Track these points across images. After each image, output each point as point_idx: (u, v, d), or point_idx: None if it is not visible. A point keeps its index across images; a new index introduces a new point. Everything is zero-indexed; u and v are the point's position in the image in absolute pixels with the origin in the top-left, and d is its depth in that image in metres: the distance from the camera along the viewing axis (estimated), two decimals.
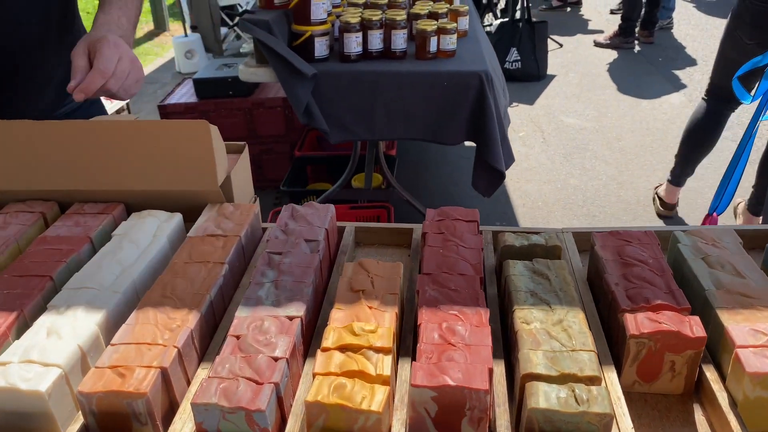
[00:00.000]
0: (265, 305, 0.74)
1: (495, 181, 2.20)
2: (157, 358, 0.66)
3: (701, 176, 3.32)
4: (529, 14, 4.76)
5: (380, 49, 2.25)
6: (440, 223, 0.89)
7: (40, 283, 0.79)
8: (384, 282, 0.77)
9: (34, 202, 0.98)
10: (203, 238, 0.88)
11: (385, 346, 0.66)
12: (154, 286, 0.78)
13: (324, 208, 0.95)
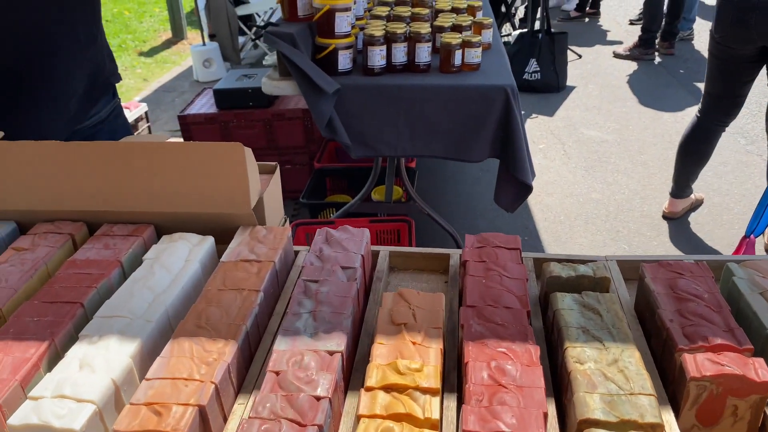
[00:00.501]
0: (304, 338, 0.71)
1: (520, 196, 2.16)
2: (194, 395, 0.63)
3: (726, 191, 3.26)
4: (549, 25, 4.73)
5: (404, 62, 2.22)
6: (481, 251, 0.86)
7: (71, 310, 0.77)
8: (426, 314, 0.74)
9: (63, 223, 0.96)
10: (236, 263, 0.86)
11: (432, 386, 0.63)
12: (188, 316, 0.75)
13: (359, 233, 0.92)
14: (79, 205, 0.96)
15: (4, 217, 0.99)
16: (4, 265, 0.87)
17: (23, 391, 0.67)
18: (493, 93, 2.08)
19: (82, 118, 1.24)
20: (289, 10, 2.21)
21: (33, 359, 0.69)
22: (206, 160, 0.90)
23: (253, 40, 6.20)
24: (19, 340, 0.72)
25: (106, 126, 1.28)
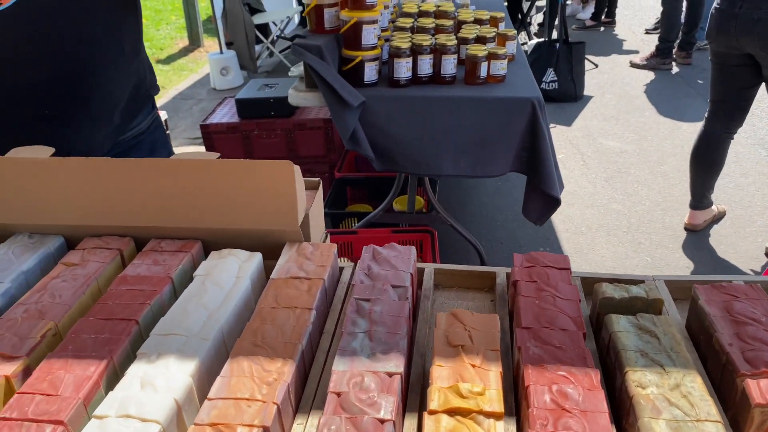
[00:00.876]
0: (361, 358, 0.71)
1: (548, 209, 2.16)
2: (258, 416, 0.64)
3: (748, 203, 3.24)
4: (567, 34, 4.73)
5: (429, 74, 2.23)
6: (531, 270, 0.86)
7: (126, 327, 0.78)
8: (482, 336, 0.74)
9: (110, 238, 0.97)
10: (287, 280, 0.86)
11: (496, 410, 0.63)
12: (244, 334, 0.76)
13: (406, 250, 0.92)
14: (127, 220, 0.97)
15: (50, 232, 1.00)
16: (56, 281, 0.88)
17: (86, 409, 0.68)
18: (520, 105, 2.08)
19: (124, 129, 1.25)
20: (316, 22, 2.23)
21: (94, 377, 0.70)
22: (255, 178, 0.91)
23: (268, 49, 6.24)
24: (79, 358, 0.72)
25: (146, 137, 1.29)
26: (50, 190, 0.96)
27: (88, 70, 1.11)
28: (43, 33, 1.03)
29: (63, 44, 1.07)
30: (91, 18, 1.09)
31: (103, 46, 1.12)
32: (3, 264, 0.92)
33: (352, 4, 2.13)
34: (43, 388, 0.68)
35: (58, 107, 1.10)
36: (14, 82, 1.06)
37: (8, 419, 0.65)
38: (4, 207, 0.97)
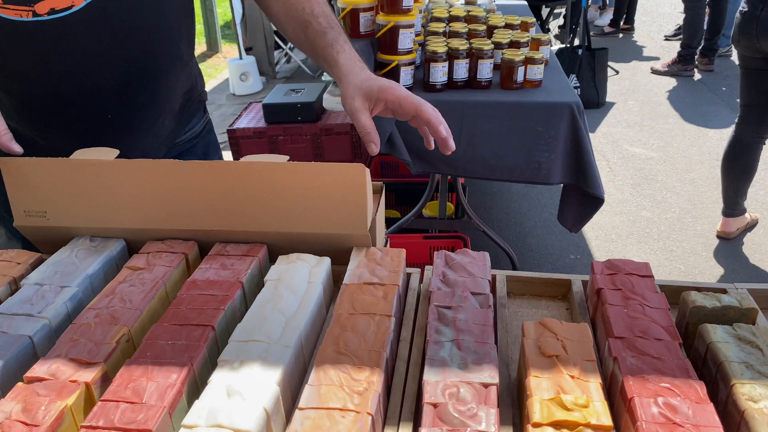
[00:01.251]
0: (453, 368, 0.69)
1: (585, 215, 2.13)
2: (353, 426, 0.61)
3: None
4: (590, 41, 4.70)
5: (465, 78, 2.21)
6: (613, 278, 0.83)
7: (203, 333, 0.76)
8: (576, 346, 0.71)
9: (174, 242, 0.95)
10: (360, 286, 0.84)
11: (604, 424, 0.61)
12: (325, 341, 0.74)
13: (480, 256, 0.90)
14: (190, 224, 0.95)
15: (112, 235, 0.98)
16: (124, 285, 0.86)
17: (170, 418, 0.66)
18: (559, 110, 2.05)
19: (178, 133, 1.23)
20: (351, 26, 2.21)
21: (177, 385, 0.68)
22: (326, 181, 0.89)
23: (286, 55, 6.24)
24: (159, 365, 0.70)
25: (200, 141, 1.28)
26: (113, 193, 0.94)
27: (150, 74, 1.10)
28: (111, 37, 1.02)
29: (129, 49, 1.06)
30: (156, 23, 1.07)
31: (164, 51, 1.11)
32: (68, 268, 0.90)
33: (388, 8, 2.12)
34: (127, 396, 0.66)
35: (119, 111, 1.09)
36: (80, 85, 1.04)
37: (95, 428, 0.63)
38: (65, 210, 0.96)
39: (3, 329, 0.78)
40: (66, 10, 0.96)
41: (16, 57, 1.01)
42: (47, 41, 0.99)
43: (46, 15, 0.96)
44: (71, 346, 0.74)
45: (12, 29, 0.97)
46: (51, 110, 1.07)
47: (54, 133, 1.11)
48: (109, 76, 1.05)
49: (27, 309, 0.81)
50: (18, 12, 0.95)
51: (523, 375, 0.71)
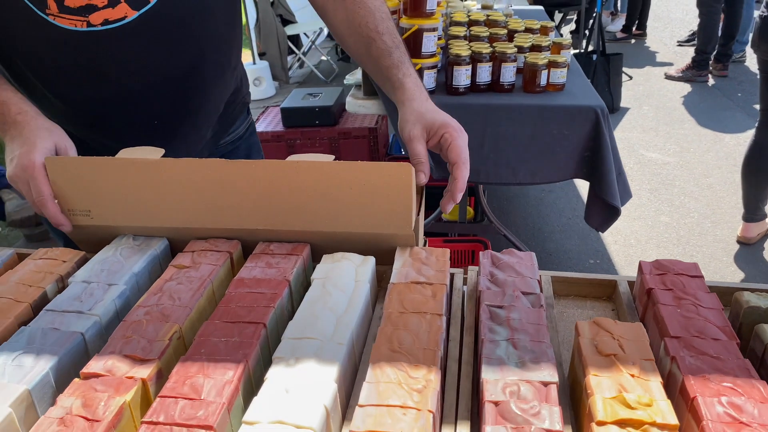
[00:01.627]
0: (510, 366, 0.68)
1: (610, 217, 2.12)
2: (416, 424, 0.61)
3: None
4: (604, 46, 4.69)
5: (488, 81, 2.21)
6: (663, 278, 0.83)
7: (256, 330, 0.76)
8: (633, 345, 0.71)
9: (218, 241, 0.96)
10: (408, 285, 0.84)
11: (671, 423, 0.60)
12: (379, 339, 0.73)
13: (527, 256, 0.90)
14: (235, 222, 0.95)
15: (154, 234, 0.99)
16: (171, 283, 0.86)
17: (229, 414, 0.66)
18: (584, 113, 2.05)
19: (222, 136, 1.24)
20: None
21: (234, 381, 0.68)
22: (372, 180, 0.89)
23: (299, 60, 6.27)
24: (215, 362, 0.70)
25: (243, 143, 1.29)
26: (158, 192, 0.95)
27: (199, 82, 1.11)
28: (162, 47, 1.04)
29: (179, 58, 1.07)
30: (206, 33, 1.08)
31: (214, 59, 1.12)
32: (114, 266, 0.90)
33: (412, 12, 2.12)
34: (185, 392, 0.66)
35: (167, 117, 1.10)
36: (130, 92, 1.06)
37: (156, 423, 0.63)
38: (110, 209, 0.96)
39: (55, 326, 0.78)
40: (119, 21, 0.99)
41: (69, 64, 1.03)
42: (100, 50, 1.01)
43: (99, 25, 0.98)
44: (124, 342, 0.74)
45: (67, 38, 0.99)
46: (101, 115, 1.09)
47: (103, 137, 1.12)
48: (158, 84, 1.07)
49: (77, 306, 0.82)
50: (73, 22, 0.97)
51: (580, 374, 0.71)
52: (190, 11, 1.04)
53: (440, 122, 0.96)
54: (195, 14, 1.05)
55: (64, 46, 1.00)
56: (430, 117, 0.98)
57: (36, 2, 0.96)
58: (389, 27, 1.08)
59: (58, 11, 0.96)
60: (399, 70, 1.03)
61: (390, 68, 1.04)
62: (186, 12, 1.04)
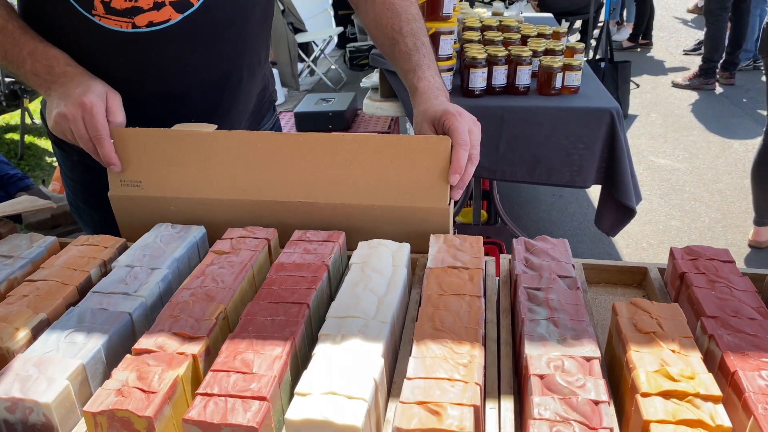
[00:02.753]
0: (552, 343, 0.70)
1: (622, 220, 2.14)
2: (464, 395, 0.63)
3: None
4: (612, 54, 4.72)
5: (503, 84, 2.24)
6: (696, 263, 0.85)
7: (300, 310, 0.78)
8: (671, 324, 0.72)
9: (255, 228, 0.98)
10: (445, 269, 0.86)
11: (714, 393, 0.62)
12: (421, 318, 0.75)
13: (560, 243, 0.92)
14: (278, 195, 0.99)
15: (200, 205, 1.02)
16: (213, 267, 0.88)
17: (279, 387, 0.68)
18: (599, 115, 2.07)
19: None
20: None
21: (283, 357, 0.70)
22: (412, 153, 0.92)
23: (309, 67, 6.31)
24: (263, 339, 0.72)
25: None
26: (207, 164, 1.00)
27: (233, 81, 1.14)
28: (202, 49, 1.07)
29: (218, 59, 1.10)
30: (242, 35, 1.11)
31: (248, 59, 1.16)
32: (155, 251, 0.93)
33: (429, 15, 2.15)
34: (237, 367, 0.68)
35: (202, 115, 1.13)
36: (170, 91, 1.09)
37: (211, 395, 0.65)
38: (160, 180, 1.01)
39: (103, 306, 0.80)
40: (163, 23, 1.02)
41: (113, 63, 1.06)
42: (143, 51, 1.04)
43: (144, 27, 1.02)
44: (173, 321, 0.76)
45: (112, 39, 1.02)
46: (141, 113, 1.11)
47: None
48: (196, 84, 1.10)
49: (122, 288, 0.84)
50: (118, 23, 1.01)
51: (619, 352, 0.72)
52: (231, 14, 1.07)
53: (441, 111, 0.98)
54: (236, 18, 1.08)
55: (108, 46, 1.04)
56: (432, 111, 1.00)
57: (82, 3, 0.98)
58: (414, 28, 1.11)
59: (104, 12, 0.99)
60: (415, 74, 1.06)
61: (408, 72, 1.07)
62: (227, 15, 1.07)
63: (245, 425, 0.61)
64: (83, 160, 1.24)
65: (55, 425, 0.66)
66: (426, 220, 0.96)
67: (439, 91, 1.05)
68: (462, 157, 0.94)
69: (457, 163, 0.94)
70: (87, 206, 1.26)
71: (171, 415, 0.66)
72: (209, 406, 0.63)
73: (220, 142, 0.97)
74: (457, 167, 0.95)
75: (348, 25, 7.02)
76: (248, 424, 0.61)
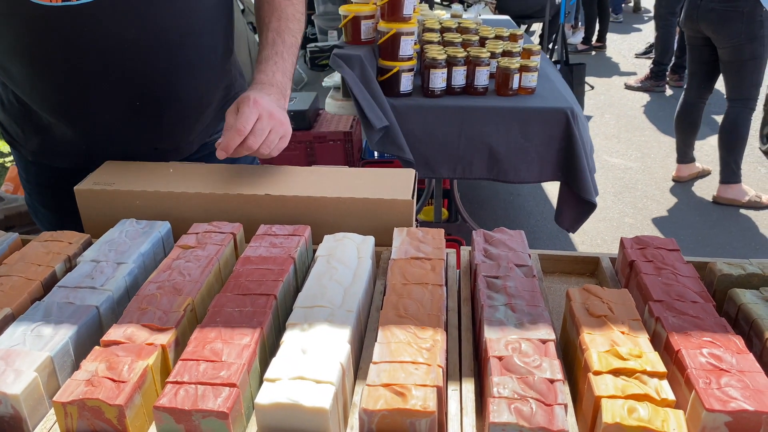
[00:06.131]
0: (510, 327, 0.74)
1: (581, 216, 2.21)
2: (428, 377, 0.66)
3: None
4: (568, 56, 4.84)
5: (462, 85, 2.28)
6: (644, 252, 0.89)
7: (267, 301, 0.79)
8: (621, 308, 0.77)
9: (220, 223, 0.99)
10: (408, 260, 0.89)
11: (659, 370, 0.66)
12: (385, 306, 0.78)
13: (517, 234, 0.96)
14: (239, 188, 1.03)
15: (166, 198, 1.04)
16: (180, 261, 0.89)
17: (248, 375, 0.69)
18: (556, 115, 2.14)
19: (213, 130, 1.27)
20: (353, 34, 2.27)
21: (251, 345, 0.71)
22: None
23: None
24: (231, 328, 0.74)
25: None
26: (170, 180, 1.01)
27: (182, 66, 1.12)
28: (141, 24, 1.03)
29: (160, 37, 1.07)
30: (194, 13, 1.09)
31: (198, 42, 1.13)
32: (121, 246, 0.93)
33: (390, 16, 2.18)
34: (206, 355, 0.70)
35: (148, 100, 1.11)
36: (110, 72, 1.06)
37: (181, 383, 0.66)
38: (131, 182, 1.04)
39: (69, 300, 0.80)
40: None
41: (48, 43, 1.02)
42: (77, 26, 0.99)
43: (76, 0, 0.97)
44: (141, 314, 0.77)
45: (42, 14, 0.97)
46: (83, 97, 1.08)
47: (85, 120, 1.13)
48: (138, 65, 1.06)
49: (89, 282, 0.84)
50: None
51: (573, 335, 0.76)
52: None
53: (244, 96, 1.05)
54: None
55: (39, 23, 0.99)
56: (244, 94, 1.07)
57: None
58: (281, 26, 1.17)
59: None
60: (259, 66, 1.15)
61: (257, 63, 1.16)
62: None
63: (216, 410, 0.63)
64: (38, 160, 1.22)
65: (23, 417, 0.67)
66: (390, 213, 0.99)
67: (271, 87, 1.10)
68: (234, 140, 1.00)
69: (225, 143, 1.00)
70: (44, 208, 1.25)
71: (141, 403, 0.67)
72: (180, 394, 0.65)
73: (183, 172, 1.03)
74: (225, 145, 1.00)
75: (308, 25, 7.01)
76: (219, 409, 0.63)
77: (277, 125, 1.05)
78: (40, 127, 1.18)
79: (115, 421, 0.64)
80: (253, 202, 1.01)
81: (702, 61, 3.51)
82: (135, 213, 1.03)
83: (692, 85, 3.63)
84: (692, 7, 3.35)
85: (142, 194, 1.03)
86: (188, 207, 1.04)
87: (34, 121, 1.17)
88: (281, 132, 1.06)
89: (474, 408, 0.69)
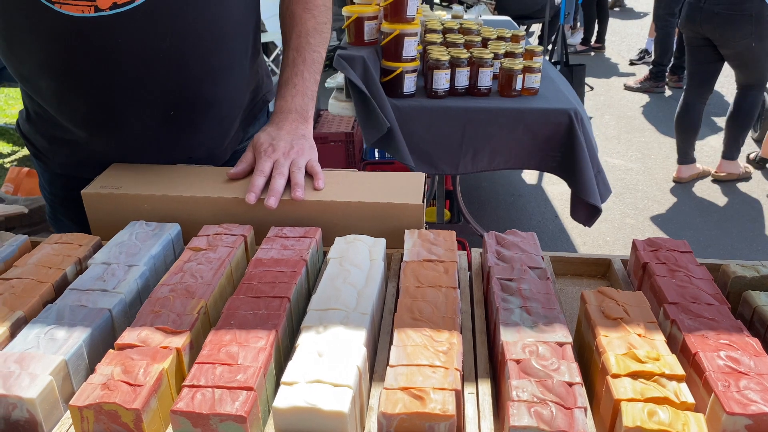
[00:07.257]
0: (526, 329, 0.73)
1: (593, 213, 2.21)
2: (445, 380, 0.66)
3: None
4: (567, 57, 4.85)
5: (465, 86, 2.28)
6: (657, 254, 0.89)
7: (281, 304, 0.79)
8: (636, 310, 0.77)
9: (230, 225, 0.98)
10: (421, 263, 0.88)
11: (678, 373, 0.66)
12: (400, 309, 0.78)
13: (529, 236, 0.95)
14: None
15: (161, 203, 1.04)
16: (191, 264, 0.89)
17: (264, 378, 0.69)
18: (558, 116, 2.14)
19: (243, 136, 1.25)
20: (356, 35, 2.27)
21: (267, 348, 0.71)
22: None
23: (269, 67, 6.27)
24: (246, 331, 0.74)
25: None
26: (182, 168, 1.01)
27: (216, 72, 1.09)
28: (175, 33, 1.01)
29: (194, 45, 1.04)
30: (225, 17, 1.07)
31: (231, 48, 1.11)
32: (132, 249, 0.93)
33: (393, 17, 2.18)
34: (222, 359, 0.69)
35: (183, 108, 1.08)
36: (144, 82, 1.04)
37: (198, 386, 0.66)
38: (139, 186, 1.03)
39: (82, 303, 0.80)
40: (129, 4, 0.96)
41: (79, 55, 1.00)
42: (109, 37, 0.98)
43: (108, 9, 0.95)
44: (154, 317, 0.77)
45: (74, 26, 0.96)
46: (116, 109, 1.06)
47: (117, 132, 1.11)
48: (173, 73, 1.04)
49: (101, 285, 0.84)
50: (80, 8, 0.95)
51: (588, 337, 0.76)
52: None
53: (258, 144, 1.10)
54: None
55: (72, 36, 0.97)
56: (257, 137, 1.11)
57: None
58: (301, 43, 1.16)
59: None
60: (279, 91, 1.16)
61: (278, 86, 1.16)
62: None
63: (234, 414, 0.62)
64: (66, 172, 1.20)
65: (39, 421, 0.66)
66: (400, 217, 0.99)
67: (289, 114, 1.11)
68: (257, 181, 1.03)
69: (252, 185, 1.02)
70: (69, 221, 1.22)
71: (157, 407, 0.67)
72: (197, 397, 0.64)
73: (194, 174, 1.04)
74: (252, 187, 1.02)
75: None
76: (237, 413, 0.62)
77: (299, 153, 1.06)
78: (68, 140, 1.15)
79: (132, 425, 0.64)
80: (262, 206, 1.01)
81: (702, 61, 3.54)
82: (143, 217, 1.02)
83: (692, 85, 3.66)
84: (694, 10, 3.36)
85: (150, 198, 1.03)
86: (197, 210, 1.03)
87: (62, 134, 1.14)
88: (307, 156, 1.08)
89: (491, 411, 0.68)
